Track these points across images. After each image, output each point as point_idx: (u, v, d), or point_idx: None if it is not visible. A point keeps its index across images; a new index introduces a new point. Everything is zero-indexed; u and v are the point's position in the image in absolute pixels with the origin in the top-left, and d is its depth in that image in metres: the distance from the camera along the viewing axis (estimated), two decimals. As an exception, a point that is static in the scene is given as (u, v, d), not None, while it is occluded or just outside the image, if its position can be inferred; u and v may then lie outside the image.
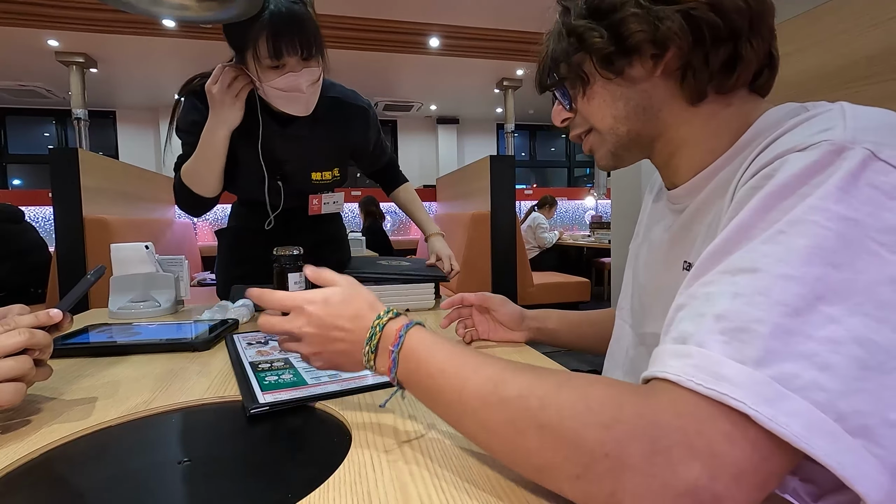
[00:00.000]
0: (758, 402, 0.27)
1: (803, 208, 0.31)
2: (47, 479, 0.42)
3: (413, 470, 0.40)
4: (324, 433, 0.49)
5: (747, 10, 0.44)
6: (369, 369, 0.44)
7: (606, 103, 0.51)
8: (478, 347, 0.78)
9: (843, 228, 0.29)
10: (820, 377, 0.27)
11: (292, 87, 0.97)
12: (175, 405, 0.56)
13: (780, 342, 0.28)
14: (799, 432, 0.26)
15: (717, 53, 0.44)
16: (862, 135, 0.32)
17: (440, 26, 5.12)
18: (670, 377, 0.30)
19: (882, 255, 0.29)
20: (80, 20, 4.55)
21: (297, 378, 0.61)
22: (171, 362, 0.72)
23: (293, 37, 0.91)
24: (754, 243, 0.32)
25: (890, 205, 0.30)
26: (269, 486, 0.39)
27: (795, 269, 0.29)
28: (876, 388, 0.27)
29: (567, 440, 0.30)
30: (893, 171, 0.30)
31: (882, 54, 0.71)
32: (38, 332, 0.50)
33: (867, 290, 0.28)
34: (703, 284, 0.33)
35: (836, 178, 0.30)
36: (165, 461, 0.45)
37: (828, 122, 0.34)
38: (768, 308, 0.29)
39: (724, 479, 0.27)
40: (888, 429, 0.27)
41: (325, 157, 1.17)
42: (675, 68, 0.46)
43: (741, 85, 0.47)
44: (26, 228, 2.63)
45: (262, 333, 0.85)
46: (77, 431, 0.49)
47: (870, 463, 0.27)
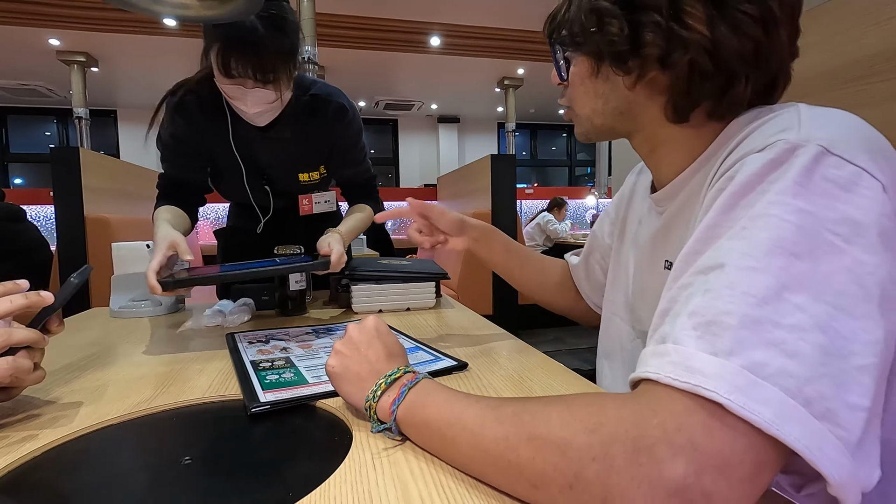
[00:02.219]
0: (730, 390, 0.28)
1: (763, 204, 0.32)
2: (49, 477, 0.42)
3: (414, 468, 0.40)
4: (325, 432, 0.49)
5: (753, 54, 0.42)
6: (368, 407, 0.45)
7: (588, 95, 0.52)
8: (478, 345, 0.78)
9: (801, 220, 0.31)
10: (788, 364, 0.28)
11: (237, 99, 0.93)
12: (176, 404, 0.56)
13: (749, 331, 0.29)
14: (770, 419, 0.27)
15: (703, 88, 0.44)
16: (816, 133, 0.33)
17: (441, 25, 5.11)
18: (651, 376, 0.31)
19: (837, 245, 0.30)
20: (81, 19, 4.55)
21: (298, 377, 0.61)
22: (172, 361, 0.72)
23: (245, 58, 0.87)
24: (721, 241, 0.33)
25: (844, 196, 0.31)
26: (270, 485, 0.39)
27: (759, 262, 0.30)
28: (837, 373, 0.28)
29: (556, 448, 0.31)
30: (846, 165, 0.32)
31: (884, 53, 0.71)
32: (31, 330, 0.51)
33: (826, 280, 0.30)
34: (680, 287, 0.34)
35: (791, 173, 0.32)
36: (167, 460, 0.45)
37: (784, 122, 0.36)
38: (736, 300, 0.30)
39: (709, 474, 0.27)
40: (848, 411, 0.28)
41: (309, 157, 1.15)
42: (659, 88, 0.46)
43: (731, 112, 0.45)
44: (28, 227, 2.63)
45: (264, 332, 0.86)
46: (78, 430, 0.49)
47: (834, 445, 0.27)
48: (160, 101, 1.05)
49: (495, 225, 0.87)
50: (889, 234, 0.31)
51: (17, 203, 2.62)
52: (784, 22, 0.42)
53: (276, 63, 0.90)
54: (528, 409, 0.35)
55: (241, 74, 0.88)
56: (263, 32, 0.86)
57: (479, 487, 0.37)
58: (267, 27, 0.87)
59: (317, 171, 1.17)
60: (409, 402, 0.42)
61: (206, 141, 1.07)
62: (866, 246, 0.30)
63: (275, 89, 0.93)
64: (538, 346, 0.77)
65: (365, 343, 0.49)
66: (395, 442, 0.44)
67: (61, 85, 6.14)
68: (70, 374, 0.67)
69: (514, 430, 0.34)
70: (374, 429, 0.44)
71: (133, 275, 1.11)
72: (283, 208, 1.20)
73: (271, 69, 0.90)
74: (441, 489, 0.37)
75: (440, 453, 0.40)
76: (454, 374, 0.64)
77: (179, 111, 1.03)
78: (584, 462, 0.29)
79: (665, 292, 0.36)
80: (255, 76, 0.89)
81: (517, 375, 0.63)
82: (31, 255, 2.56)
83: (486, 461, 0.35)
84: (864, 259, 0.30)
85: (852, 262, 0.30)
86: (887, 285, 0.30)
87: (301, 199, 1.19)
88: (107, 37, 4.92)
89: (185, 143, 1.06)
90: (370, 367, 0.47)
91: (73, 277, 0.56)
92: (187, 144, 1.07)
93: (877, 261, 0.30)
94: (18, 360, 0.49)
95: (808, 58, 0.83)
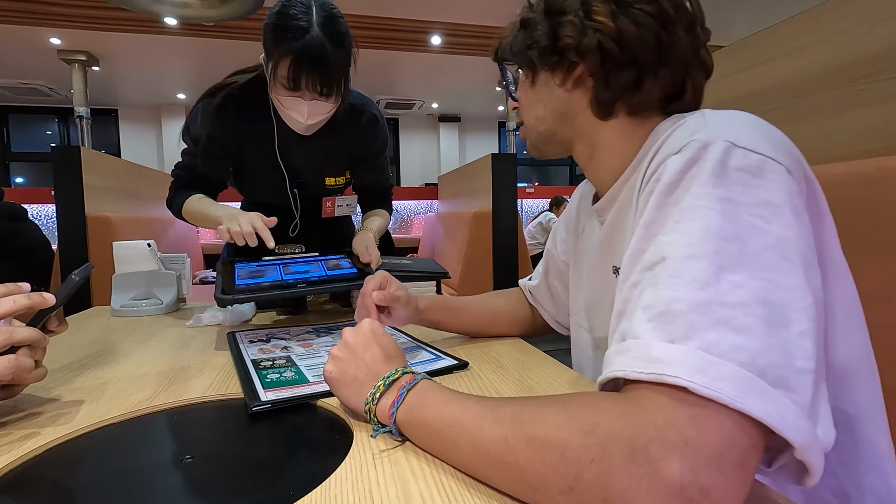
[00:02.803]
0: (691, 373, 0.29)
1: (689, 198, 0.36)
2: (50, 476, 0.42)
3: (415, 467, 0.40)
4: (325, 431, 0.49)
5: (654, 45, 0.48)
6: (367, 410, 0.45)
7: (532, 103, 0.58)
8: (478, 344, 0.78)
9: (723, 207, 0.34)
10: (739, 339, 0.30)
11: (293, 109, 0.96)
12: (177, 402, 0.56)
13: (699, 314, 0.31)
14: (732, 393, 0.28)
15: (618, 77, 0.50)
16: (721, 131, 0.37)
17: (442, 24, 5.11)
18: (618, 374, 0.33)
19: (759, 226, 0.33)
20: (82, 18, 4.55)
21: (299, 376, 0.61)
22: (173, 360, 0.72)
23: (315, 74, 0.90)
24: (658, 237, 0.36)
25: (756, 182, 0.35)
26: (271, 484, 0.39)
27: (696, 249, 0.33)
28: (782, 341, 0.30)
29: (554, 449, 0.31)
30: (752, 154, 0.36)
31: (886, 52, 0.71)
32: (33, 329, 0.51)
33: (756, 257, 0.32)
34: (631, 286, 0.37)
35: (707, 168, 0.36)
36: (168, 458, 0.45)
37: (693, 126, 0.40)
38: (682, 287, 0.32)
39: (704, 468, 0.27)
40: (798, 376, 0.30)
41: (338, 162, 1.18)
42: (585, 85, 0.53)
43: (648, 107, 0.52)
44: (29, 226, 2.63)
45: (265, 331, 0.86)
46: (80, 429, 0.49)
47: (792, 410, 0.29)
48: (196, 102, 1.08)
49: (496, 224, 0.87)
50: (799, 210, 0.35)
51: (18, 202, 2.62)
52: (682, 24, 0.49)
53: (340, 78, 0.93)
54: (527, 411, 0.35)
55: (309, 89, 0.91)
56: (331, 49, 0.89)
57: (480, 487, 0.37)
58: (333, 43, 0.89)
59: (343, 176, 1.21)
60: (409, 403, 0.42)
61: (243, 146, 1.10)
62: (784, 223, 0.34)
63: (333, 102, 0.96)
64: (538, 345, 0.77)
65: (361, 346, 0.49)
66: (395, 441, 0.44)
67: (62, 84, 6.14)
68: (71, 373, 0.67)
69: (512, 432, 0.34)
70: (375, 433, 0.44)
71: (134, 273, 1.11)
72: (306, 209, 1.23)
73: (336, 84, 0.93)
74: (442, 488, 0.37)
75: (441, 454, 0.40)
76: (455, 374, 0.64)
77: (220, 114, 1.04)
78: (583, 464, 0.30)
79: (617, 294, 0.38)
80: (321, 91, 0.92)
81: (518, 374, 0.63)
82: (33, 253, 2.56)
83: (487, 463, 0.36)
84: (785, 234, 0.33)
85: (775, 239, 0.33)
86: (808, 255, 0.34)
87: (325, 202, 1.21)
88: (108, 36, 4.92)
89: (221, 146, 1.08)
90: (368, 369, 0.47)
91: (74, 275, 0.56)
92: (223, 147, 1.09)
93: (795, 234, 0.34)
94: (20, 359, 0.49)
95: (811, 57, 0.83)
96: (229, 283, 0.88)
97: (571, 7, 0.51)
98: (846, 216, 0.66)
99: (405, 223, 5.68)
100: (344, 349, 0.50)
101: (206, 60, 5.68)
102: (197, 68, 6.02)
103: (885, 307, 0.61)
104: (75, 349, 0.80)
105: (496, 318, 0.84)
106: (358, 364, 0.48)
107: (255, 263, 0.99)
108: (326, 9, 0.91)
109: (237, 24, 4.39)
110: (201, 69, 6.00)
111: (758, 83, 0.93)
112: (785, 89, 0.88)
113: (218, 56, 5.36)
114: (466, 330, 0.83)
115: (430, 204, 4.87)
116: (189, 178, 1.14)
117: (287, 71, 0.89)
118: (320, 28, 0.88)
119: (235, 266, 0.97)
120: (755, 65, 0.94)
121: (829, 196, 0.71)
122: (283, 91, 0.93)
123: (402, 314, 0.73)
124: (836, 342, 0.42)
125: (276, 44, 0.89)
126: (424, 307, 0.77)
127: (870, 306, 0.63)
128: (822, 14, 0.80)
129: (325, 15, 0.89)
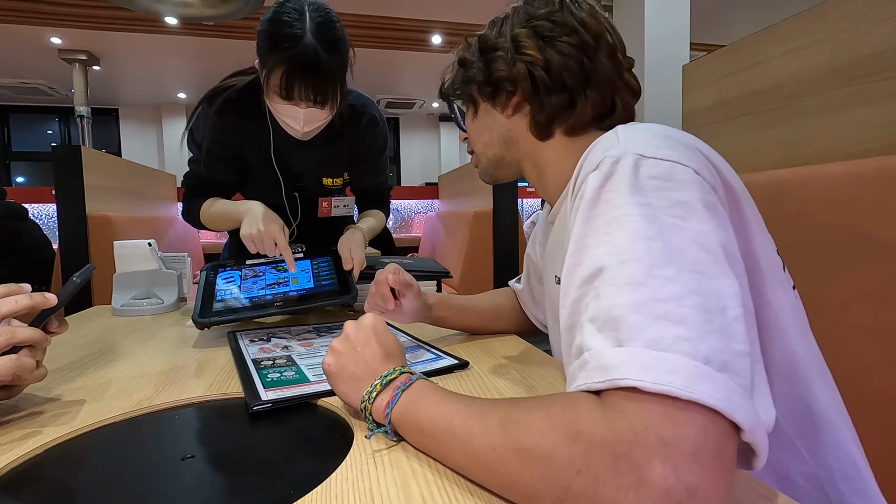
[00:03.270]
0: (640, 372, 0.30)
1: (611, 209, 0.38)
2: (51, 475, 0.42)
3: (415, 467, 0.40)
4: (326, 430, 0.49)
5: (579, 70, 0.55)
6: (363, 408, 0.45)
7: (478, 131, 0.65)
8: (479, 344, 0.78)
9: (643, 212, 0.36)
10: (679, 330, 0.31)
11: (289, 117, 0.95)
12: (178, 402, 0.56)
13: (639, 314, 0.32)
14: (682, 384, 0.29)
15: (551, 101, 0.56)
16: (631, 146, 0.40)
17: (442, 23, 5.10)
18: (581, 387, 0.33)
19: (678, 224, 0.36)
20: (82, 17, 4.55)
21: (299, 375, 0.61)
22: (173, 359, 0.72)
23: (309, 84, 0.88)
24: (590, 250, 0.38)
25: (668, 186, 0.38)
26: (272, 483, 0.40)
27: (626, 254, 0.35)
28: (720, 327, 0.32)
29: (541, 461, 0.31)
30: (661, 162, 0.39)
31: (888, 51, 0.71)
32: (34, 329, 0.51)
33: (681, 252, 0.34)
34: (574, 301, 0.38)
35: (623, 180, 0.38)
36: (169, 457, 0.45)
37: (606, 143, 0.43)
38: (619, 292, 0.34)
39: (685, 466, 0.27)
40: (738, 359, 0.31)
41: (336, 163, 1.17)
42: (524, 111, 0.59)
43: (583, 126, 0.57)
44: (30, 226, 2.63)
45: (265, 331, 0.86)
46: (80, 428, 0.49)
47: (738, 393, 0.30)
48: (196, 105, 1.07)
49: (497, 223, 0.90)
50: (712, 206, 0.38)
51: (19, 201, 2.62)
52: (604, 52, 0.56)
53: (335, 86, 0.91)
54: (512, 418, 0.35)
55: (303, 98, 0.89)
56: (325, 57, 0.87)
57: (480, 487, 0.37)
58: (326, 50, 0.87)
59: (341, 177, 1.20)
60: (403, 405, 0.42)
61: (244, 149, 1.09)
62: (699, 218, 0.36)
63: (329, 109, 0.95)
64: (539, 344, 0.77)
65: (362, 342, 0.49)
66: (396, 441, 0.44)
67: (63, 83, 6.14)
68: (72, 372, 0.67)
69: (500, 441, 0.34)
70: (370, 434, 0.44)
71: (135, 273, 1.11)
72: (306, 210, 1.23)
73: (331, 92, 0.91)
74: (442, 488, 0.37)
75: (436, 457, 0.40)
76: (455, 373, 0.64)
77: (220, 118, 1.04)
78: (570, 475, 0.30)
79: (561, 309, 0.40)
80: (315, 100, 0.90)
81: (518, 374, 0.63)
82: (33, 253, 2.56)
83: (480, 471, 0.36)
84: (702, 228, 0.36)
85: (694, 234, 0.35)
86: (728, 246, 0.36)
87: (321, 202, 1.21)
88: (109, 35, 4.92)
89: (224, 150, 1.08)
90: (366, 367, 0.47)
91: (75, 277, 0.56)
92: (226, 150, 1.09)
93: (711, 227, 0.36)
94: (21, 359, 0.49)
95: (812, 56, 0.83)
96: (208, 302, 0.88)
97: (502, 45, 0.58)
98: (846, 215, 0.66)
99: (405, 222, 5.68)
100: (344, 343, 0.50)
101: (206, 60, 5.68)
102: (198, 67, 6.03)
103: (885, 307, 0.61)
104: (76, 348, 0.80)
105: (499, 314, 0.86)
106: (357, 360, 0.48)
107: (238, 272, 0.99)
108: (321, 14, 0.89)
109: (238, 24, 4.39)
110: (202, 68, 6.01)
111: (758, 83, 0.93)
112: (785, 89, 0.88)
113: (219, 55, 5.37)
114: (471, 326, 0.85)
115: (430, 203, 4.87)
116: (198, 186, 1.13)
117: (280, 80, 0.87)
118: (314, 35, 0.86)
119: (218, 277, 0.97)
120: (755, 64, 0.93)
121: (830, 196, 0.71)
122: (277, 99, 0.91)
123: (414, 305, 0.75)
124: (782, 343, 0.44)
125: (269, 53, 0.88)
126: (433, 303, 0.79)
127: (869, 306, 0.63)
128: (823, 13, 0.80)
129: (319, 21, 0.87)
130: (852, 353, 0.64)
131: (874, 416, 0.60)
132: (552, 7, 0.57)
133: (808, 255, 0.70)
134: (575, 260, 0.39)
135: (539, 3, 0.58)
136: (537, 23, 0.56)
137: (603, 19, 0.58)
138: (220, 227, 1.13)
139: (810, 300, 0.69)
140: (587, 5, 0.58)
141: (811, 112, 0.84)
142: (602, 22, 0.57)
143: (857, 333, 0.64)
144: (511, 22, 0.59)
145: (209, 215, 1.10)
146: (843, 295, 0.66)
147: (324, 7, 0.91)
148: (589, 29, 0.56)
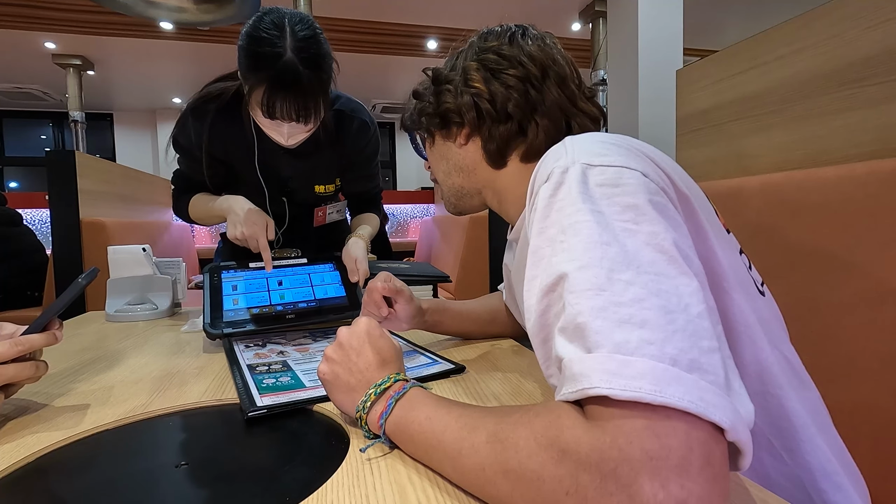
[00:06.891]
0: (608, 379, 0.29)
1: (564, 218, 0.38)
2: (44, 482, 0.42)
3: (412, 473, 0.39)
4: (322, 436, 0.49)
5: (524, 101, 0.57)
6: (358, 418, 0.45)
7: (437, 161, 0.67)
8: (475, 349, 0.78)
9: (595, 218, 0.36)
10: (643, 333, 0.30)
11: (273, 131, 0.94)
12: (172, 408, 0.56)
13: (602, 320, 0.32)
14: (651, 388, 0.28)
15: (499, 130, 0.58)
16: (579, 156, 0.41)
17: (438, 28, 5.12)
18: (561, 399, 0.33)
19: (630, 228, 0.36)
20: (77, 22, 4.54)
21: (295, 381, 0.61)
22: (168, 365, 0.72)
23: (290, 103, 0.87)
24: (547, 259, 0.38)
25: (617, 191, 0.38)
26: (267, 489, 0.39)
27: (583, 260, 0.35)
28: (683, 325, 0.31)
29: (530, 484, 0.31)
30: (607, 169, 0.39)
31: (879, 56, 0.71)
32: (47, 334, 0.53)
33: (636, 255, 0.34)
34: (540, 315, 0.38)
35: (573, 189, 0.39)
36: (163, 464, 0.45)
37: (555, 154, 0.43)
38: (580, 299, 0.33)
39: (673, 479, 0.26)
40: (707, 356, 0.30)
41: (327, 169, 1.16)
42: (476, 142, 0.60)
43: (539, 152, 0.55)
44: (24, 231, 2.62)
45: (261, 336, 0.85)
46: (74, 435, 0.49)
47: (711, 391, 0.29)
48: (182, 113, 1.07)
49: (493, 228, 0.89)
50: (662, 207, 0.38)
51: (12, 207, 2.61)
52: (552, 82, 0.57)
53: (318, 102, 0.90)
54: (499, 436, 0.34)
55: (285, 117, 0.88)
56: (306, 74, 0.85)
57: (475, 497, 0.36)
58: (308, 68, 0.85)
59: (332, 183, 1.19)
60: (396, 416, 0.42)
61: (230, 154, 1.09)
62: (650, 220, 0.36)
63: (313, 123, 0.94)
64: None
65: (356, 350, 0.49)
66: (392, 446, 0.44)
67: (57, 88, 6.11)
68: (66, 379, 0.66)
69: (489, 461, 0.34)
70: (364, 447, 0.43)
71: (129, 278, 1.10)
72: (296, 216, 1.22)
73: (314, 109, 0.90)
74: (439, 494, 0.37)
75: (432, 468, 0.40)
76: (452, 378, 0.64)
77: (205, 125, 1.03)
78: (559, 497, 0.29)
79: (529, 325, 0.40)
80: (297, 118, 0.89)
81: (514, 378, 0.63)
82: (27, 258, 2.55)
83: (472, 488, 0.36)
84: (654, 230, 0.36)
85: (647, 236, 0.35)
86: (682, 245, 0.36)
87: (316, 212, 1.20)
88: (103, 40, 4.90)
89: (210, 156, 1.08)
90: (360, 376, 0.47)
91: (80, 279, 0.56)
92: (212, 157, 1.09)
93: (662, 227, 0.36)
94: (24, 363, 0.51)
95: (803, 61, 0.84)
96: (217, 310, 0.86)
97: (453, 78, 0.61)
98: (839, 218, 0.67)
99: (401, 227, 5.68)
100: (338, 351, 0.50)
101: (201, 64, 5.68)
102: (192, 72, 6.02)
103: (878, 308, 0.61)
104: (70, 355, 0.79)
105: (495, 318, 0.85)
106: (351, 369, 0.48)
107: (243, 275, 0.98)
108: (305, 26, 0.86)
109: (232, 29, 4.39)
110: (197, 73, 6.00)
111: (751, 87, 0.94)
112: (778, 93, 0.89)
113: (213, 60, 5.36)
114: (467, 331, 0.84)
115: (426, 208, 4.87)
116: (186, 184, 1.14)
117: (262, 98, 0.86)
118: (294, 53, 0.83)
119: (223, 281, 0.95)
120: (749, 69, 0.94)
121: (823, 199, 0.72)
122: (261, 115, 0.90)
123: (407, 310, 0.74)
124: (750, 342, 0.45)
125: (250, 71, 0.86)
126: (427, 308, 0.78)
127: (863, 307, 0.63)
128: (815, 18, 0.81)
129: (301, 35, 0.85)
130: (846, 355, 0.64)
131: (869, 419, 0.61)
132: (501, 41, 0.59)
133: (801, 257, 0.71)
134: (533, 273, 0.39)
135: (492, 38, 0.60)
136: (485, 56, 0.59)
137: (554, 51, 0.59)
138: (209, 222, 1.14)
139: (803, 303, 0.69)
140: (538, 38, 0.60)
141: (803, 116, 0.84)
142: (551, 54, 0.58)
143: (851, 336, 0.64)
144: (465, 55, 0.61)
145: (196, 212, 1.12)
146: (837, 297, 0.66)
147: (306, 19, 0.88)
148: (535, 61, 0.57)
